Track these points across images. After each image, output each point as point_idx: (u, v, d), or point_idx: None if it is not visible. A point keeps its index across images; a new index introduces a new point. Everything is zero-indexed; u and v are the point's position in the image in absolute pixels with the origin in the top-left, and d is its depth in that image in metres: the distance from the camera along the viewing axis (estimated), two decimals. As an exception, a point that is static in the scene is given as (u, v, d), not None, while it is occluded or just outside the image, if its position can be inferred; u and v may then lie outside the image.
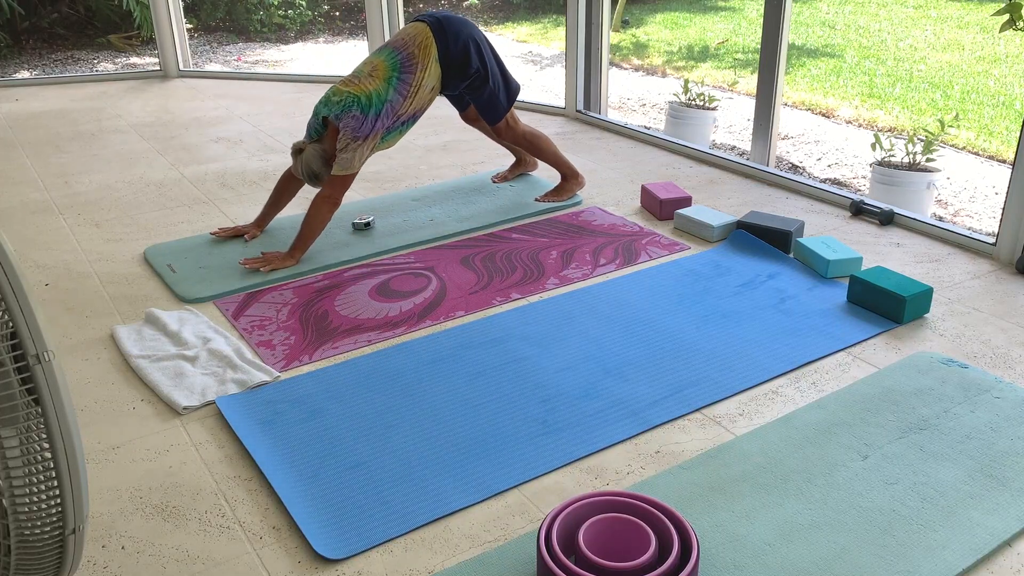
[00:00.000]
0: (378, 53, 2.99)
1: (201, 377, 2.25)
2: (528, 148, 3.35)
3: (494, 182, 3.60)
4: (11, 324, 1.19)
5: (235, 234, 3.11)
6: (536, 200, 3.36)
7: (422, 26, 2.99)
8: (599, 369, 2.27)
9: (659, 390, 2.17)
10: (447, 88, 3.11)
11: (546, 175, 3.69)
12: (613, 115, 5.16)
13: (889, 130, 5.04)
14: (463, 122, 3.71)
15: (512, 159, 3.83)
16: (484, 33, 3.16)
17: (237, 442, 2.02)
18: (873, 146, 3.85)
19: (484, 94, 3.14)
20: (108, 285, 2.81)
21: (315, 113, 2.92)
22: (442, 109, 4.67)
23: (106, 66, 6.78)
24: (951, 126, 4.59)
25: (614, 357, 2.32)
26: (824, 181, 4.14)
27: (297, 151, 2.91)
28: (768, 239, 2.93)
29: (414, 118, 3.04)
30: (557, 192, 3.39)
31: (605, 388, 2.19)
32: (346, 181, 2.90)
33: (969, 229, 3.30)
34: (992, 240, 2.89)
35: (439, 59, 2.98)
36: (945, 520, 1.73)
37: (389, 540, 1.72)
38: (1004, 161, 4.50)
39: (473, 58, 3.04)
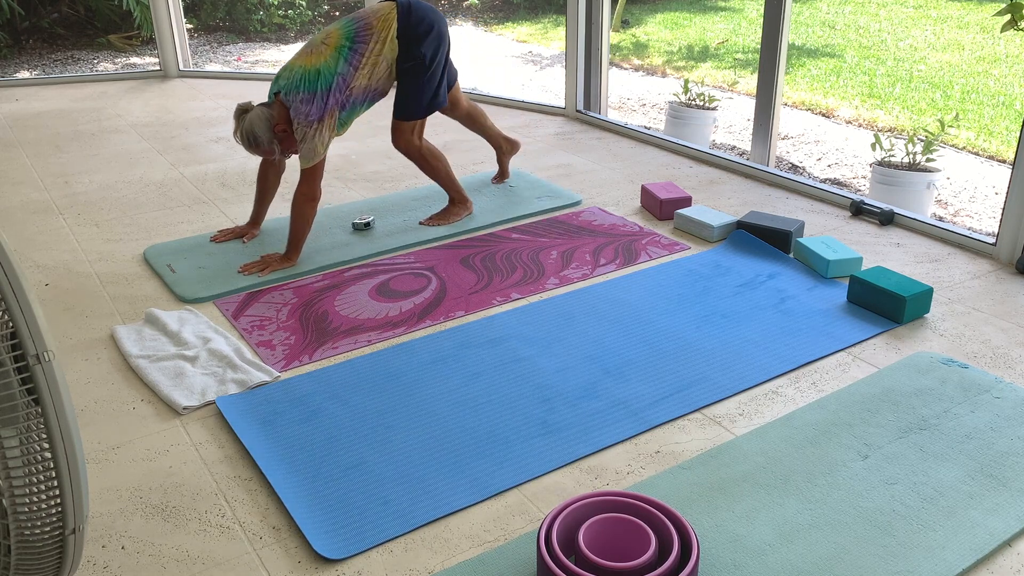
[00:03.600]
0: (336, 22, 2.90)
1: (201, 377, 2.25)
2: (420, 163, 3.16)
3: (494, 183, 3.59)
4: (11, 324, 1.19)
5: (235, 236, 3.10)
6: (420, 223, 3.19)
7: (390, 4, 2.91)
8: (599, 369, 2.27)
9: (659, 390, 2.17)
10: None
11: (546, 175, 3.69)
12: (613, 115, 5.16)
13: (889, 130, 5.04)
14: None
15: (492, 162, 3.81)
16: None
17: (237, 442, 2.02)
18: (873, 146, 3.85)
19: (410, 84, 2.98)
20: (108, 285, 2.81)
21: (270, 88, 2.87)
22: (442, 109, 4.66)
23: (106, 66, 6.78)
24: (951, 126, 4.59)
25: (614, 357, 2.32)
26: (824, 181, 4.14)
27: (242, 112, 2.81)
28: (768, 239, 2.93)
29: (370, 98, 2.92)
30: (443, 215, 3.22)
31: (605, 388, 2.19)
32: (316, 172, 2.81)
33: (969, 229, 3.30)
34: (992, 240, 2.89)
35: (398, 35, 2.87)
36: (945, 520, 1.73)
37: (389, 540, 1.72)
38: (1004, 161, 4.50)
39: (427, 44, 2.92)
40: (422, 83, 2.98)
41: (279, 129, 2.79)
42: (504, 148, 3.54)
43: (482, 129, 3.47)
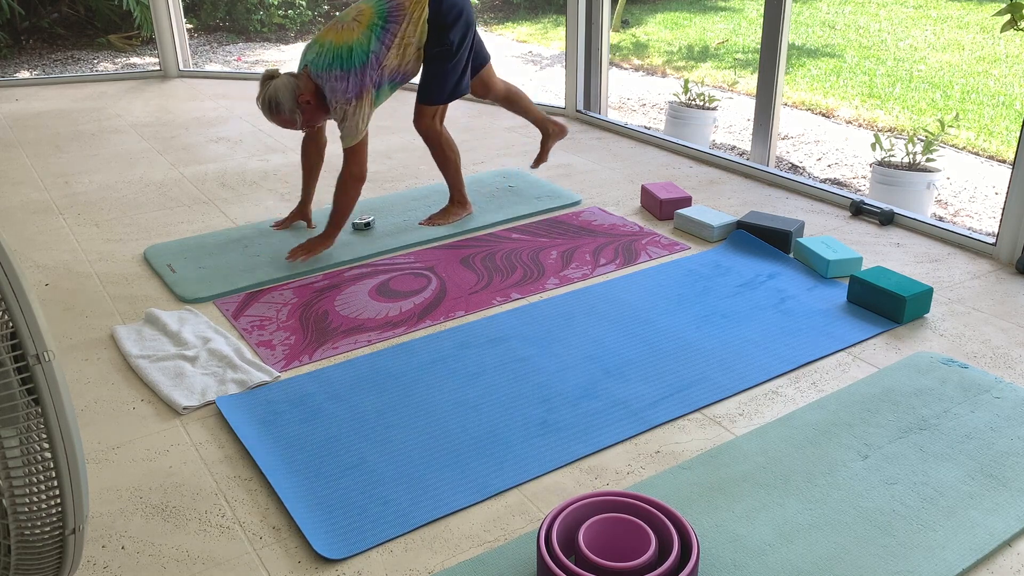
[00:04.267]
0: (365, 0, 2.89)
1: (201, 377, 2.25)
2: (435, 150, 3.16)
3: (532, 169, 3.58)
4: (11, 324, 1.19)
5: (294, 220, 3.16)
6: (420, 224, 3.18)
7: None
8: (599, 369, 2.27)
9: (659, 390, 2.17)
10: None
11: (546, 175, 3.69)
12: (613, 115, 5.16)
13: (889, 130, 5.04)
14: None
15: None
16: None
17: (237, 442, 2.02)
18: (873, 146, 3.85)
19: (436, 69, 2.98)
20: (108, 285, 2.81)
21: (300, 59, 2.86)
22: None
23: (106, 66, 6.78)
24: (951, 126, 4.59)
25: (614, 357, 2.32)
26: (824, 181, 4.14)
27: (268, 77, 2.79)
28: (768, 239, 2.93)
29: (398, 79, 2.92)
30: (442, 215, 3.22)
31: (605, 388, 2.19)
32: (362, 151, 2.80)
33: (969, 229, 3.30)
34: (992, 240, 2.89)
35: (428, 20, 2.86)
36: (945, 520, 1.73)
37: (389, 540, 1.72)
38: (1004, 161, 4.50)
39: (456, 30, 2.92)
40: (447, 69, 2.98)
41: (303, 100, 2.78)
42: (551, 131, 3.46)
43: (525, 112, 3.42)
